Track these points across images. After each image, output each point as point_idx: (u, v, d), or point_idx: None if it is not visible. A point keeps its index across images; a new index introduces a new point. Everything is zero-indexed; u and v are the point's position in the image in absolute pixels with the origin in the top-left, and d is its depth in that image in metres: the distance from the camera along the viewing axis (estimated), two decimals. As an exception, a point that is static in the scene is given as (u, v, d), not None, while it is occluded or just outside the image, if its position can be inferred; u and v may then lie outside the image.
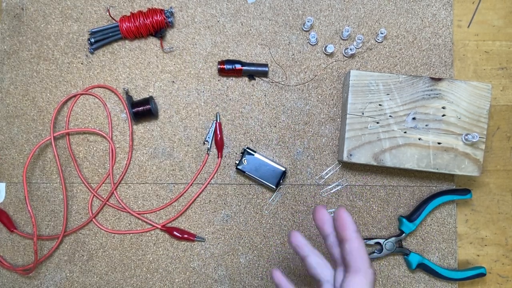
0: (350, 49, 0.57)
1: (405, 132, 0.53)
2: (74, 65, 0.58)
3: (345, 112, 0.54)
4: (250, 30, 0.58)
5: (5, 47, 0.58)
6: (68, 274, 0.57)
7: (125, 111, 0.57)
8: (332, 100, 0.58)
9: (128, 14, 0.57)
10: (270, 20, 0.59)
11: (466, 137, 0.52)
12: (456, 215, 0.58)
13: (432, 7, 0.59)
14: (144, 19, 0.56)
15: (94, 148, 0.57)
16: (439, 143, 0.53)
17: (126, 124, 0.57)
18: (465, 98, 0.53)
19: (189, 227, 0.57)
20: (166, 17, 0.56)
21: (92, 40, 0.57)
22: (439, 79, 0.53)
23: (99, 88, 0.58)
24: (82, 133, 0.57)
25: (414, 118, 0.53)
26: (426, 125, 0.53)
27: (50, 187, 0.57)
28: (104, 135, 0.57)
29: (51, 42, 0.58)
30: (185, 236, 0.56)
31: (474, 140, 0.51)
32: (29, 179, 0.57)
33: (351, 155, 0.52)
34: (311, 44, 0.59)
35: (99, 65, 0.58)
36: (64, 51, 0.58)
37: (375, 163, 0.52)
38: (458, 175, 0.59)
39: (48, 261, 0.57)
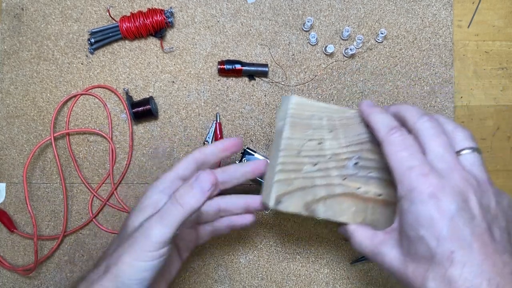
0: (350, 49, 0.57)
1: (344, 179, 0.43)
2: (74, 65, 0.58)
3: (277, 147, 0.43)
4: (250, 30, 0.58)
5: (5, 47, 0.58)
6: (68, 274, 0.57)
7: (125, 111, 0.57)
8: (332, 100, 0.58)
9: (128, 14, 0.57)
10: (270, 20, 0.59)
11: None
12: (456, 215, 0.58)
13: (432, 7, 0.59)
14: (144, 19, 0.56)
15: (94, 148, 0.57)
16: (379, 195, 0.44)
17: (126, 124, 0.57)
18: None
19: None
20: (166, 17, 0.56)
21: (92, 40, 0.57)
22: None
23: (99, 88, 0.58)
24: (82, 133, 0.57)
25: (356, 163, 0.44)
26: (369, 173, 0.44)
27: (50, 187, 0.57)
28: (104, 135, 0.57)
29: (51, 42, 0.58)
30: (185, 236, 0.56)
31: None
32: (29, 179, 0.57)
33: (279, 202, 0.42)
34: (311, 44, 0.59)
35: (99, 65, 0.58)
36: (64, 51, 0.58)
37: (306, 213, 0.43)
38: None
39: (48, 261, 0.57)
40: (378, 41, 0.59)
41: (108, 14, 0.58)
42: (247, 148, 0.56)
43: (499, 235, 0.34)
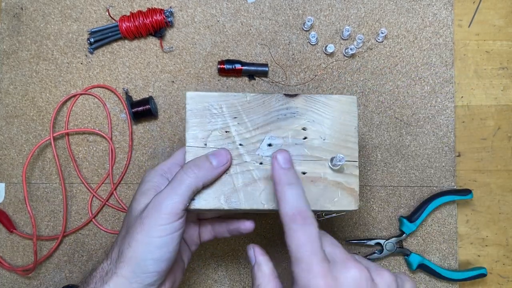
0: (351, 49, 0.57)
1: (261, 163, 0.42)
2: (74, 65, 0.58)
3: (186, 143, 0.42)
4: (250, 29, 0.58)
5: (4, 47, 0.57)
6: (67, 275, 0.56)
7: (124, 111, 0.57)
8: (333, 100, 0.58)
9: (128, 14, 0.57)
10: (270, 19, 0.59)
11: (332, 162, 0.42)
12: (456, 215, 0.58)
13: (433, 6, 0.59)
14: (143, 19, 0.55)
15: (94, 148, 0.57)
16: (303, 173, 0.42)
17: (126, 124, 0.57)
18: (328, 115, 0.44)
19: (189, 227, 0.57)
20: (165, 16, 0.56)
21: (92, 40, 0.56)
22: (295, 95, 0.44)
23: (99, 88, 0.58)
24: (82, 133, 0.57)
25: (270, 145, 0.43)
26: None
27: (50, 187, 0.57)
28: (104, 135, 0.56)
29: (51, 42, 0.58)
30: (185, 236, 0.56)
31: (341, 163, 0.41)
32: (28, 179, 0.57)
33: (193, 199, 0.40)
34: (311, 44, 0.58)
35: (98, 65, 0.58)
36: (64, 51, 0.58)
37: (226, 207, 0.41)
38: (459, 176, 0.59)
39: (47, 262, 0.56)
40: (379, 40, 0.59)
41: (107, 13, 0.58)
42: None
43: None
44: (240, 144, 0.42)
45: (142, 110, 0.55)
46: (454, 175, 0.58)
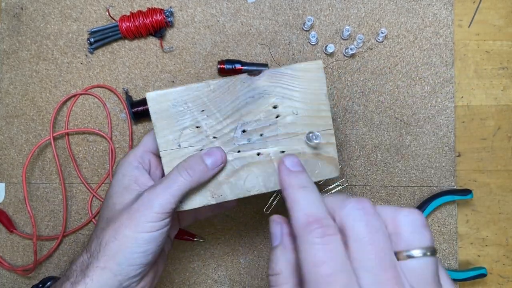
0: (351, 49, 0.57)
1: (238, 152, 0.41)
2: (74, 65, 0.58)
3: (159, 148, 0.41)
4: (250, 29, 0.58)
5: (4, 46, 0.57)
6: (67, 275, 0.56)
7: (124, 111, 0.57)
8: (333, 100, 0.58)
9: (128, 13, 0.57)
10: (270, 19, 0.58)
11: (308, 139, 0.41)
12: (456, 215, 0.58)
13: (433, 6, 0.59)
14: (143, 19, 0.55)
15: (94, 148, 0.57)
16: (282, 152, 0.42)
17: (126, 124, 0.57)
18: (296, 87, 0.42)
19: (188, 227, 0.57)
20: (165, 16, 0.56)
21: (92, 39, 0.56)
22: (259, 72, 0.41)
23: (99, 88, 0.58)
24: (82, 133, 0.57)
25: (244, 131, 0.41)
26: (261, 135, 0.41)
27: (50, 187, 0.57)
28: (104, 135, 0.56)
29: (51, 41, 0.58)
30: (185, 236, 0.56)
31: (317, 141, 0.41)
32: (28, 179, 0.57)
33: (181, 202, 0.40)
34: (312, 44, 0.58)
35: (98, 65, 0.58)
36: (64, 51, 0.58)
37: (214, 202, 0.41)
38: (459, 176, 0.59)
39: (47, 262, 0.56)
40: (379, 40, 0.59)
41: (107, 13, 0.57)
42: None
43: None
44: (214, 137, 0.41)
45: (142, 110, 0.55)
46: (454, 175, 0.58)
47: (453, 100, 0.59)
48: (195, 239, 0.56)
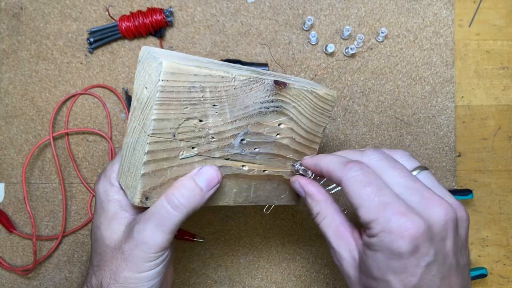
0: (351, 49, 0.57)
1: (227, 159, 0.37)
2: (73, 65, 0.57)
3: (142, 127, 0.33)
4: (250, 29, 0.58)
5: (4, 46, 0.57)
6: (67, 275, 0.56)
7: (124, 111, 0.57)
8: (333, 100, 0.58)
9: (128, 13, 0.57)
10: (270, 19, 0.58)
11: (293, 167, 0.41)
12: (457, 215, 0.58)
13: (433, 6, 0.59)
14: (143, 19, 0.55)
15: (94, 148, 0.57)
16: (264, 171, 0.40)
17: (126, 124, 0.57)
18: (307, 112, 0.40)
19: (188, 227, 0.57)
20: (165, 16, 0.56)
21: (91, 39, 0.56)
22: (284, 85, 0.38)
23: (98, 88, 0.58)
24: (81, 133, 0.57)
25: (242, 141, 0.37)
26: (255, 149, 0.38)
27: (49, 187, 0.57)
28: (104, 135, 0.56)
29: (50, 41, 0.57)
30: (185, 236, 0.56)
31: (298, 172, 0.41)
32: (28, 179, 0.57)
33: (147, 198, 0.34)
34: (312, 44, 0.58)
35: (98, 65, 0.57)
36: (63, 51, 0.57)
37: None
38: (459, 176, 0.59)
39: (47, 262, 0.56)
40: (379, 40, 0.58)
41: (107, 13, 0.57)
42: None
43: (464, 263, 0.33)
44: (213, 137, 0.36)
45: (142, 110, 0.55)
46: (454, 175, 0.58)
47: (454, 100, 0.59)
48: (195, 239, 0.56)
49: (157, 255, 0.35)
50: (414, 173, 0.35)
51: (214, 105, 0.34)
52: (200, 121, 0.34)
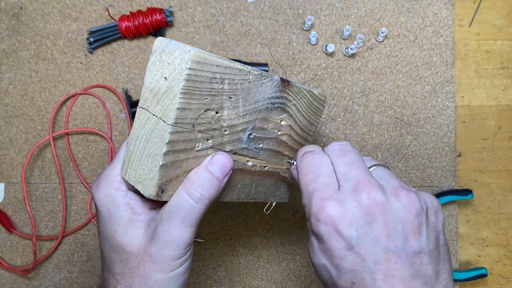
0: (351, 49, 0.57)
1: (234, 154, 0.37)
2: (73, 65, 0.57)
3: (163, 117, 0.33)
4: (250, 29, 0.58)
5: (4, 46, 0.57)
6: (67, 275, 0.56)
7: (124, 110, 0.57)
8: (333, 100, 0.58)
9: (127, 13, 0.57)
10: (270, 19, 0.58)
11: (293, 162, 0.42)
12: (457, 215, 0.58)
13: (434, 6, 0.59)
14: (143, 19, 0.55)
15: (93, 148, 0.57)
16: (265, 167, 0.41)
17: (126, 124, 0.57)
18: (304, 110, 0.42)
19: (188, 227, 0.57)
20: (165, 16, 0.56)
21: (91, 39, 0.56)
22: (288, 83, 0.39)
23: (98, 88, 0.58)
24: (81, 133, 0.57)
25: (250, 135, 0.38)
26: (259, 144, 0.39)
27: (49, 187, 0.57)
28: (103, 135, 0.56)
29: (50, 41, 0.57)
30: (185, 236, 0.56)
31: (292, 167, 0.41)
32: (28, 179, 0.57)
33: (163, 191, 0.34)
34: (312, 44, 0.58)
35: (98, 65, 0.57)
36: (63, 51, 0.57)
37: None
38: (459, 176, 0.59)
39: (47, 262, 0.56)
40: (379, 40, 0.58)
41: (107, 13, 0.57)
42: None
43: (412, 253, 0.32)
44: (225, 131, 0.36)
45: (141, 110, 0.55)
46: (454, 175, 0.58)
47: (454, 100, 0.59)
48: (195, 239, 0.56)
49: (185, 250, 0.35)
50: (372, 168, 0.37)
51: (230, 98, 0.35)
52: (217, 113, 0.35)
